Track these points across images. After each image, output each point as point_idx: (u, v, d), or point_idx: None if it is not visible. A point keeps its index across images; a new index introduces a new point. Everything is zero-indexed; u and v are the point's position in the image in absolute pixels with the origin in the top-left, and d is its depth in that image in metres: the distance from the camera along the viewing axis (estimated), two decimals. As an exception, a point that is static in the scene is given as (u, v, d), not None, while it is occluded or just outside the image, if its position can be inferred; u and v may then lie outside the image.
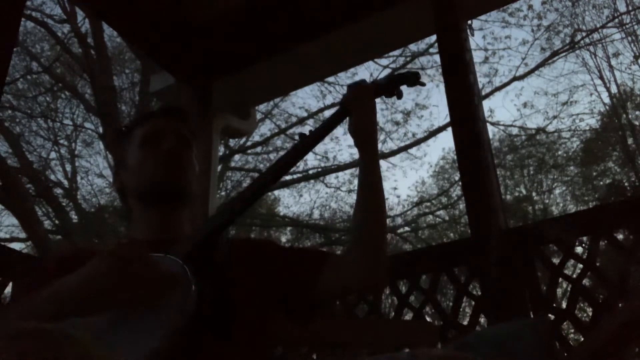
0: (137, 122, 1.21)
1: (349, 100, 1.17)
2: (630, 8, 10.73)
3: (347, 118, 1.17)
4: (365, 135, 1.15)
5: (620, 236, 1.80)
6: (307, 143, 1.14)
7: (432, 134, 10.97)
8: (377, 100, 1.24)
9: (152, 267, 0.86)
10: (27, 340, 0.56)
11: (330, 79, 9.49)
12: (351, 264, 1.07)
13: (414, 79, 1.25)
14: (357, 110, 1.15)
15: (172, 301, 0.86)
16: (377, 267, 1.07)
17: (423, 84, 1.28)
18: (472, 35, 2.31)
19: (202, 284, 0.90)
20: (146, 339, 0.82)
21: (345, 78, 9.72)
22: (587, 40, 11.42)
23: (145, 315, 0.85)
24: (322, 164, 10.95)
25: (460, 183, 5.73)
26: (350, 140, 1.17)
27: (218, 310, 0.98)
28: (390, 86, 1.24)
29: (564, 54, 11.17)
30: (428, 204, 12.58)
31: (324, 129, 1.16)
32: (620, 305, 1.61)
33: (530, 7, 10.33)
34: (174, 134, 1.15)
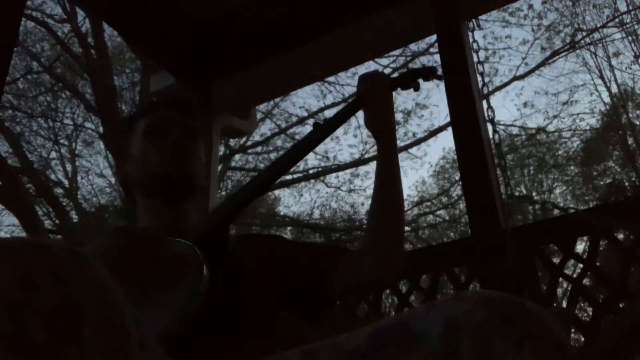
0: (142, 112, 1.19)
1: (365, 90, 1.12)
2: (630, 8, 10.73)
3: (363, 110, 1.13)
4: (382, 126, 1.11)
5: (620, 236, 1.80)
6: (322, 132, 1.10)
7: (432, 133, 10.98)
8: None
9: (163, 245, 0.84)
10: (29, 258, 0.47)
11: (330, 79, 9.50)
12: (368, 258, 1.04)
13: (431, 73, 1.23)
14: (374, 100, 1.11)
15: (183, 283, 0.83)
16: (395, 261, 1.04)
17: (440, 78, 1.26)
18: (480, 27, 2.29)
19: (214, 271, 0.87)
20: (156, 320, 0.79)
21: (346, 78, 9.74)
22: (587, 40, 11.43)
23: (156, 296, 0.82)
24: (322, 164, 10.95)
25: (460, 183, 5.72)
26: (350, 139, 1.14)
27: (227, 304, 0.95)
28: (407, 79, 1.21)
29: (564, 53, 11.18)
30: (428, 203, 12.59)
31: (339, 119, 1.13)
32: (622, 306, 1.61)
33: (530, 6, 10.34)
34: (180, 124, 1.12)
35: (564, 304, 1.74)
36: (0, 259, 0.47)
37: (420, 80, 1.23)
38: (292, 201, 19.29)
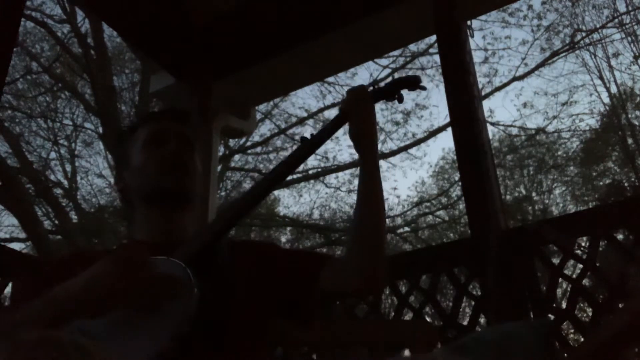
0: (140, 122, 1.21)
1: (347, 104, 1.16)
2: (630, 8, 10.74)
3: (348, 123, 1.16)
4: (364, 141, 1.14)
5: (620, 236, 1.80)
6: (308, 147, 1.14)
7: (432, 134, 10.97)
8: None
9: (155, 271, 0.86)
10: (36, 349, 0.55)
11: (330, 79, 9.49)
12: (349, 266, 1.07)
13: (414, 83, 1.25)
14: (355, 114, 1.14)
15: (175, 304, 0.86)
16: (376, 270, 1.06)
17: (424, 88, 1.28)
18: (472, 36, 2.30)
19: (203, 286, 0.90)
20: (149, 342, 0.82)
21: (345, 78, 9.73)
22: (587, 40, 11.42)
23: (148, 319, 0.85)
24: (322, 164, 10.95)
25: (460, 183, 5.73)
26: (349, 140, 1.16)
27: (217, 314, 0.98)
28: (391, 90, 1.24)
29: (563, 54, 11.17)
30: (428, 204, 12.59)
31: (325, 134, 1.16)
32: (620, 305, 1.61)
33: (530, 7, 10.32)
34: (178, 135, 1.15)
35: (564, 304, 1.74)
36: (13, 351, 0.54)
37: (405, 91, 1.25)
38: (291, 201, 19.31)
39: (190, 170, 1.14)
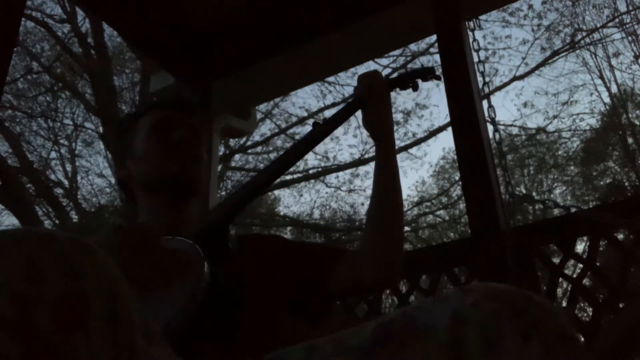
0: (144, 110, 1.19)
1: (363, 89, 1.12)
2: (630, 8, 10.74)
3: (361, 110, 1.13)
4: (380, 126, 1.11)
5: (620, 236, 1.80)
6: (321, 132, 1.10)
7: (432, 133, 10.98)
8: None
9: (163, 243, 0.83)
10: (35, 247, 0.47)
11: (330, 79, 9.50)
12: (367, 260, 1.03)
13: (429, 72, 1.23)
14: (371, 101, 1.11)
15: (185, 280, 0.82)
16: (394, 262, 1.04)
17: (439, 78, 1.26)
18: (480, 27, 2.29)
19: (215, 269, 0.86)
20: (158, 318, 0.78)
21: (346, 78, 9.73)
22: (587, 40, 11.43)
23: (157, 294, 0.81)
24: (322, 164, 10.95)
25: (460, 183, 5.72)
26: (350, 139, 1.14)
27: (228, 299, 0.95)
28: (406, 79, 1.22)
29: (564, 53, 11.18)
30: (428, 203, 12.59)
31: (338, 118, 1.13)
32: (622, 306, 1.61)
33: (530, 6, 10.33)
34: (184, 123, 1.13)
35: (564, 304, 1.74)
36: (5, 248, 0.47)
37: (419, 80, 1.23)
38: (292, 201, 19.25)
39: (197, 159, 1.11)
